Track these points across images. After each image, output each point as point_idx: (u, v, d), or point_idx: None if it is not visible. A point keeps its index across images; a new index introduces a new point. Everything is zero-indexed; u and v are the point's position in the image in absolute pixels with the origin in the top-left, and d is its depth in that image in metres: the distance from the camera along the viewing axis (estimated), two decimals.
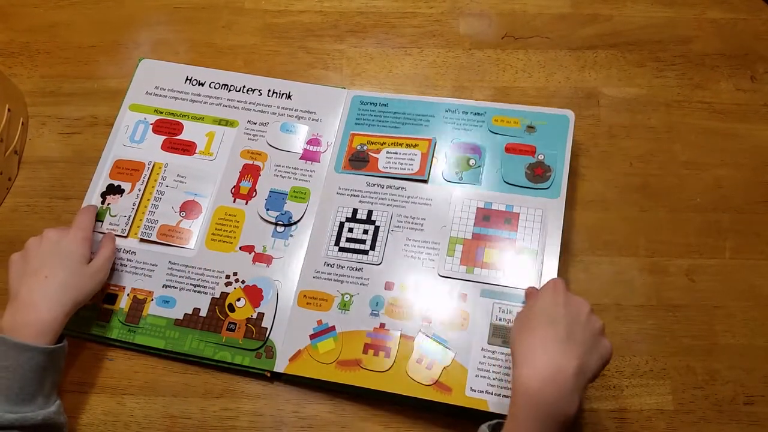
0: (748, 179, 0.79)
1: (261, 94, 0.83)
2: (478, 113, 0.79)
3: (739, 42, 0.87)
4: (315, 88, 0.84)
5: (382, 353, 0.69)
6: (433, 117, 0.80)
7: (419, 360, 0.68)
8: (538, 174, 0.75)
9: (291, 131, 0.81)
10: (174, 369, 0.72)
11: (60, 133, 0.85)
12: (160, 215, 0.77)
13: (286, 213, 0.77)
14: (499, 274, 0.71)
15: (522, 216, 0.73)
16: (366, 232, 0.75)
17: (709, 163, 0.80)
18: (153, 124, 0.82)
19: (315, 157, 0.80)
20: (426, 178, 0.76)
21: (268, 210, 0.77)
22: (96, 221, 0.75)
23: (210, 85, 0.84)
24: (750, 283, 0.74)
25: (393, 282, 0.72)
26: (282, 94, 0.83)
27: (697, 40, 0.87)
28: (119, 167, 0.80)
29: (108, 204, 0.78)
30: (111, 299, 0.74)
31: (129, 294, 0.74)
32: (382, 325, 0.70)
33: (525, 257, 0.71)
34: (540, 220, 0.72)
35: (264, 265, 0.75)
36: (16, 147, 0.82)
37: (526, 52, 0.87)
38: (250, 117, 0.82)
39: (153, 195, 0.78)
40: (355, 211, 0.76)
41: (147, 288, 0.74)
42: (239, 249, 0.76)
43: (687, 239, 0.76)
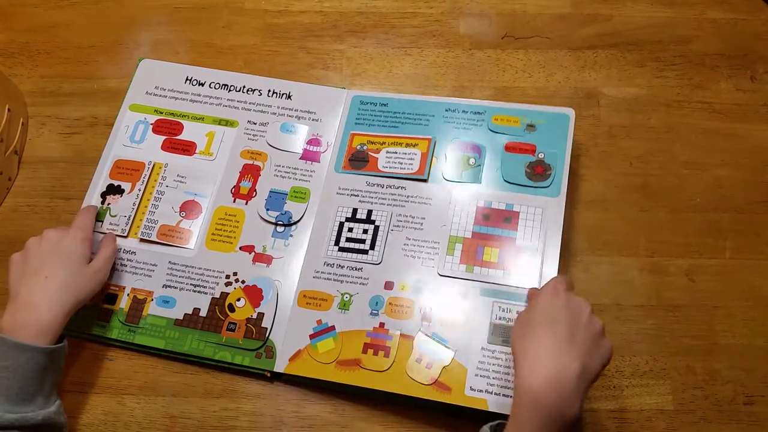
0: (748, 179, 0.79)
1: (261, 94, 0.83)
2: (477, 112, 0.79)
3: (739, 42, 0.87)
4: (315, 88, 0.84)
5: (381, 353, 0.69)
6: (433, 116, 0.80)
7: (419, 359, 0.68)
8: (538, 172, 0.75)
9: (291, 131, 0.81)
10: (174, 369, 0.72)
11: (60, 133, 0.85)
12: (160, 215, 0.77)
13: (286, 213, 0.77)
14: (499, 273, 0.71)
15: (522, 215, 0.73)
16: (366, 231, 0.75)
17: (709, 163, 0.80)
18: (153, 124, 0.82)
19: (315, 157, 0.80)
20: (426, 177, 0.76)
21: (268, 210, 0.77)
22: (96, 221, 0.75)
23: (210, 85, 0.84)
24: (750, 283, 0.74)
25: (393, 281, 0.72)
26: (282, 94, 0.84)
27: (697, 40, 0.87)
28: (119, 167, 0.80)
29: (108, 204, 0.78)
30: (111, 299, 0.74)
31: (129, 294, 0.74)
32: (381, 325, 0.70)
33: (525, 256, 0.71)
34: (540, 218, 0.72)
35: (264, 265, 0.75)
36: (16, 147, 0.82)
37: (526, 52, 0.87)
38: (250, 117, 0.82)
39: (153, 195, 0.78)
40: (355, 211, 0.76)
41: (147, 288, 0.74)
42: (239, 249, 0.76)
43: (687, 239, 0.76)
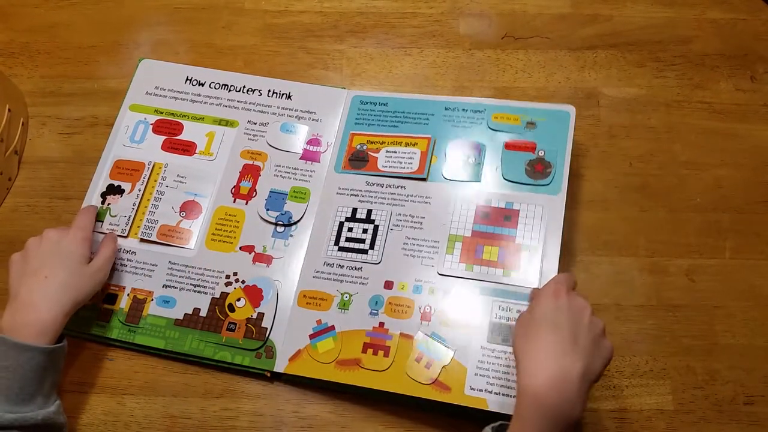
0: (748, 179, 0.79)
1: (261, 94, 0.84)
2: (477, 110, 0.79)
3: (739, 42, 0.87)
4: (315, 88, 0.84)
5: (381, 352, 0.69)
6: (433, 115, 0.80)
7: (418, 359, 0.68)
8: (538, 170, 0.75)
9: (291, 131, 0.81)
10: (174, 369, 0.72)
11: (60, 134, 0.85)
12: (160, 215, 0.77)
13: (286, 213, 0.77)
14: (499, 271, 0.70)
15: (522, 213, 0.73)
16: (365, 231, 0.75)
17: (709, 163, 0.80)
18: (153, 124, 0.82)
19: (315, 157, 0.80)
20: (425, 176, 0.76)
21: (268, 210, 0.77)
22: (96, 221, 0.75)
23: (210, 86, 0.84)
24: (750, 283, 0.74)
25: (392, 281, 0.72)
26: (282, 94, 0.84)
27: (697, 40, 0.87)
28: (119, 167, 0.80)
29: (108, 204, 0.78)
30: (111, 299, 0.74)
31: (129, 294, 0.74)
32: (381, 325, 0.70)
33: (525, 254, 0.71)
34: (540, 216, 0.72)
35: (264, 265, 0.75)
36: (16, 147, 0.82)
37: (526, 52, 0.87)
38: (250, 117, 0.82)
39: (153, 195, 0.78)
40: (355, 211, 0.76)
41: (147, 288, 0.74)
42: (239, 249, 0.76)
43: (687, 239, 0.76)
